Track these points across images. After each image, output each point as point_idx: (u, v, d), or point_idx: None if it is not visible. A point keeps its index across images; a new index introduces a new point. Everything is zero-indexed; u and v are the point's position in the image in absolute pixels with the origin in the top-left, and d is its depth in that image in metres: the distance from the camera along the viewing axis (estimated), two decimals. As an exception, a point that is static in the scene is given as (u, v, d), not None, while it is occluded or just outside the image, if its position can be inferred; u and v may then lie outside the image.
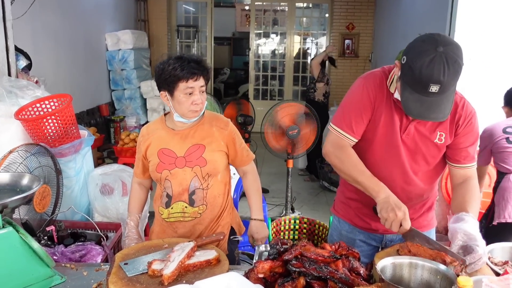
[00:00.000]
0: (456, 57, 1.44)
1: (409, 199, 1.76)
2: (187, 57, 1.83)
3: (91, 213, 2.99)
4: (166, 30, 8.24)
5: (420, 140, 1.70)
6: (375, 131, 1.72)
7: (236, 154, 1.99)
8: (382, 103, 1.70)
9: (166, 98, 1.88)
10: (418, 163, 1.74)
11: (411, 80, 1.49)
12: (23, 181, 1.62)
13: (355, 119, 1.70)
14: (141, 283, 1.38)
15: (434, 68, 1.42)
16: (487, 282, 1.19)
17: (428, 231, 1.91)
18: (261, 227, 2.05)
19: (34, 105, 2.83)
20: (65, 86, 4.96)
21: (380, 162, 1.74)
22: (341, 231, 1.94)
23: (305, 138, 4.27)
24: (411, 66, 1.47)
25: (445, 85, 1.44)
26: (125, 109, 6.78)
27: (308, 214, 4.51)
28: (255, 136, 5.24)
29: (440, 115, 1.52)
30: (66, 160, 2.79)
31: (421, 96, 1.48)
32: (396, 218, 1.50)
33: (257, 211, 2.07)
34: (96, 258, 2.20)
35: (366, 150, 1.76)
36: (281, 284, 1.31)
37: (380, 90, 1.70)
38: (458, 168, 1.76)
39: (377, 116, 1.70)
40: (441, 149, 1.72)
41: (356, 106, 1.71)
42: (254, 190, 2.09)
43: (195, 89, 1.83)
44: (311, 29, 9.27)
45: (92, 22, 6.04)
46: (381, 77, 1.72)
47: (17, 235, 1.49)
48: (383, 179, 1.70)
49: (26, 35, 4.29)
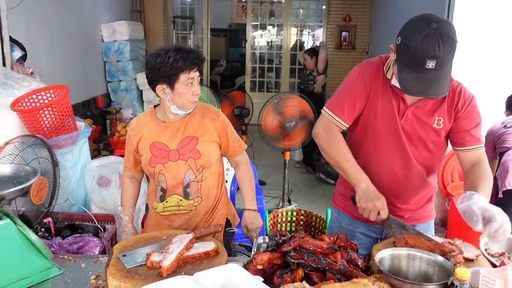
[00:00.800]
0: (449, 33, 1.46)
1: (410, 186, 1.79)
2: (186, 48, 1.82)
3: (88, 205, 2.99)
4: (162, 22, 8.18)
5: (419, 125, 1.71)
6: (373, 118, 1.74)
7: (228, 145, 1.99)
8: (379, 89, 1.72)
9: (163, 92, 1.84)
10: (418, 148, 1.75)
11: (407, 59, 1.51)
12: (20, 172, 1.61)
13: (348, 104, 1.72)
14: (140, 275, 1.38)
15: (429, 43, 1.44)
16: (484, 273, 1.20)
17: (428, 222, 1.92)
18: (255, 217, 2.05)
19: (30, 96, 2.81)
20: (60, 77, 4.92)
21: (381, 149, 1.76)
22: (341, 224, 1.95)
23: (301, 131, 4.27)
24: (406, 44, 1.49)
25: (441, 60, 1.45)
26: (121, 101, 6.73)
27: (305, 206, 4.53)
28: (251, 128, 5.24)
29: (439, 91, 1.52)
30: (62, 151, 2.78)
31: (419, 74, 1.49)
32: (374, 208, 1.56)
33: (250, 201, 2.07)
34: (93, 250, 2.20)
35: (366, 137, 1.79)
36: (280, 276, 1.32)
37: (376, 77, 1.72)
38: (465, 152, 1.73)
39: (373, 102, 1.73)
40: (440, 134, 1.73)
41: (351, 92, 1.73)
42: (247, 180, 2.08)
43: (194, 79, 1.83)
44: (308, 21, 9.24)
45: (87, 13, 5.99)
46: (378, 64, 1.74)
47: (14, 227, 1.49)
48: (384, 165, 1.75)
49: (20, 26, 4.24)
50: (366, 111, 1.75)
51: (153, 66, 1.81)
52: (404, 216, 1.84)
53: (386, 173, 1.78)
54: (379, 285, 1.18)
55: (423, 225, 1.88)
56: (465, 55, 3.16)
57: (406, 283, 1.19)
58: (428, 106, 1.70)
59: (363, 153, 1.80)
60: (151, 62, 1.81)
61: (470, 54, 3.17)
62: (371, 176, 1.74)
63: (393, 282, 1.20)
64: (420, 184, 1.80)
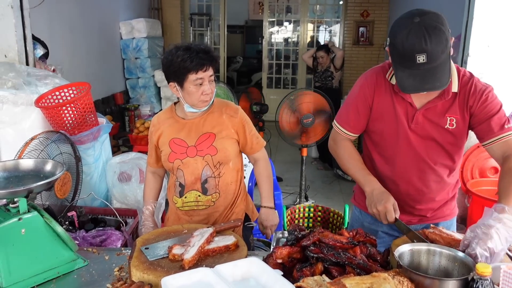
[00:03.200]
0: (435, 24, 1.45)
1: (428, 189, 1.76)
2: (195, 48, 1.81)
3: (110, 199, 3.05)
4: (179, 19, 8.23)
5: (431, 127, 1.68)
6: (380, 126, 1.74)
7: (246, 141, 1.99)
8: (383, 97, 1.71)
9: (175, 89, 1.87)
10: (434, 151, 1.71)
11: (398, 57, 1.51)
12: (46, 167, 1.66)
13: (352, 114, 1.78)
14: (162, 267, 1.41)
15: (414, 38, 1.44)
16: (505, 269, 1.19)
17: (451, 219, 1.89)
18: (271, 214, 2.06)
19: (54, 93, 2.87)
20: (81, 74, 5.01)
21: (392, 156, 1.75)
22: (363, 223, 1.93)
23: (319, 127, 4.26)
24: (394, 43, 1.50)
25: (431, 52, 1.44)
26: (140, 98, 6.82)
27: (322, 202, 4.53)
28: (268, 124, 5.25)
29: (437, 84, 1.50)
30: (85, 147, 2.84)
31: (412, 71, 1.49)
32: (379, 213, 1.54)
33: (267, 198, 2.08)
34: (116, 243, 2.25)
35: (376, 146, 1.80)
36: (299, 269, 1.33)
37: (378, 84, 1.72)
38: (493, 143, 1.61)
39: (378, 111, 1.73)
40: (456, 134, 1.68)
41: (353, 102, 1.78)
42: (265, 177, 2.09)
43: (204, 79, 1.82)
44: (325, 17, 9.18)
45: (106, 11, 6.07)
46: (379, 72, 1.75)
47: (41, 219, 1.53)
48: (398, 172, 1.74)
49: (42, 24, 4.33)
50: (372, 120, 1.76)
51: (164, 64, 1.85)
52: (426, 215, 1.82)
53: (401, 180, 1.76)
54: (399, 279, 1.19)
55: (446, 222, 1.85)
56: (486, 49, 3.12)
57: (426, 278, 1.19)
58: (439, 107, 1.66)
59: (377, 162, 1.80)
60: (164, 59, 1.85)
61: (491, 49, 3.12)
62: (386, 183, 1.74)
63: (413, 277, 1.21)
64: (438, 186, 1.77)
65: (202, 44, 1.87)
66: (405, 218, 1.82)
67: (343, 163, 1.80)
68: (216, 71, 1.89)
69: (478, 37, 3.12)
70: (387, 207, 1.53)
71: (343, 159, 1.80)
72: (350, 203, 2.05)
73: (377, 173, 1.80)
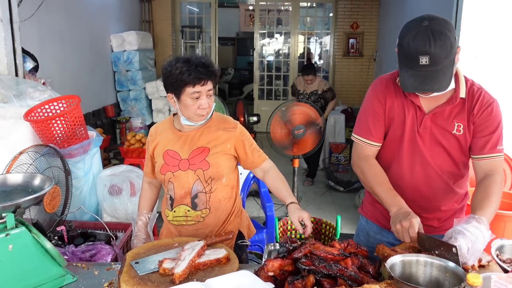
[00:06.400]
0: (442, 29, 1.49)
1: (434, 196, 1.77)
2: (195, 61, 1.77)
3: (100, 213, 3.02)
4: (170, 31, 8.27)
5: (439, 132, 1.70)
6: (390, 130, 1.76)
7: (246, 156, 1.94)
8: (393, 102, 1.74)
9: (173, 101, 1.85)
10: (441, 157, 1.72)
11: (403, 57, 1.56)
12: (34, 181, 1.64)
13: (372, 123, 1.77)
14: (153, 282, 1.40)
15: (420, 40, 1.49)
16: (496, 279, 1.19)
17: None
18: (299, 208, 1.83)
19: (43, 107, 2.86)
20: (71, 87, 5.00)
21: (400, 160, 1.76)
22: (369, 232, 1.93)
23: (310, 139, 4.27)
24: (401, 43, 1.56)
25: (434, 56, 1.48)
26: (131, 110, 6.80)
27: (314, 213, 4.50)
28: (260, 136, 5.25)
29: (436, 86, 1.54)
30: (74, 160, 2.82)
31: (415, 71, 1.53)
32: (403, 228, 1.50)
33: (290, 196, 1.89)
34: (106, 257, 2.22)
35: (384, 150, 1.80)
36: (291, 282, 1.32)
37: (388, 91, 1.75)
38: (479, 160, 1.68)
39: (390, 116, 1.75)
40: (461, 141, 1.70)
41: (371, 111, 1.78)
42: (280, 180, 1.96)
43: (202, 93, 1.79)
44: (315, 29, 9.27)
45: (97, 24, 6.08)
46: (388, 78, 1.79)
47: (29, 234, 1.51)
48: (404, 176, 1.75)
49: (32, 37, 4.32)
50: (386, 123, 1.77)
51: (163, 74, 1.83)
52: (433, 225, 1.80)
53: (407, 185, 1.75)
54: (390, 291, 1.18)
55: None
56: (473, 60, 3.16)
57: (418, 289, 1.19)
58: (447, 112, 1.69)
59: (384, 166, 1.79)
60: (164, 70, 1.83)
61: (479, 60, 3.16)
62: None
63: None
64: (444, 193, 1.77)
65: (203, 57, 1.82)
66: None
67: (368, 181, 1.74)
68: (216, 85, 1.85)
69: (465, 48, 3.16)
70: (412, 221, 1.49)
71: (368, 177, 1.74)
72: (342, 213, 2.05)
73: None
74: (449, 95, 1.68)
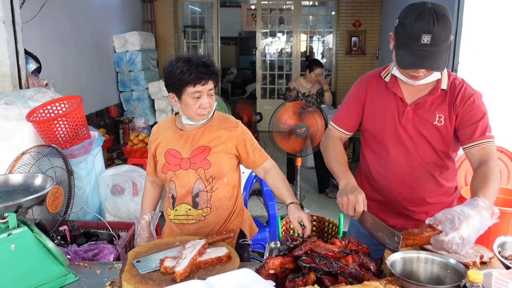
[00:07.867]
0: (444, 12, 1.54)
1: (420, 188, 1.78)
2: (195, 61, 1.77)
3: (103, 213, 3.03)
4: (172, 31, 8.28)
5: (420, 123, 1.73)
6: (373, 122, 1.81)
7: (248, 155, 1.94)
8: (376, 94, 1.80)
9: (174, 100, 1.86)
10: (423, 148, 1.75)
11: (404, 36, 1.57)
12: (36, 181, 1.65)
13: (345, 113, 1.89)
14: (154, 280, 1.40)
15: (424, 19, 1.52)
16: (497, 275, 1.19)
17: None
18: (298, 208, 1.84)
19: (45, 107, 2.87)
20: (74, 88, 5.02)
21: (385, 152, 1.80)
22: (359, 229, 1.92)
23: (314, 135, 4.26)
24: (403, 22, 1.57)
25: (436, 36, 1.51)
26: (134, 110, 6.83)
27: (317, 212, 4.52)
28: (262, 135, 5.24)
29: (434, 65, 1.56)
30: (77, 161, 2.83)
31: (415, 50, 1.55)
32: (348, 201, 1.55)
33: (290, 196, 1.89)
34: (108, 257, 2.23)
35: (371, 143, 1.86)
36: (291, 280, 1.32)
37: (371, 83, 1.83)
38: (471, 148, 1.66)
39: (371, 107, 1.81)
40: (442, 132, 1.71)
41: (346, 100, 1.90)
42: (281, 180, 1.95)
43: (202, 93, 1.79)
44: (318, 27, 9.25)
45: (99, 25, 6.10)
46: (373, 73, 1.87)
47: (32, 234, 1.52)
48: (389, 168, 1.79)
49: (35, 39, 4.34)
50: (365, 117, 1.83)
51: (165, 74, 1.84)
52: (421, 220, 1.79)
53: (393, 176, 1.79)
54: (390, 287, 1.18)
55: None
56: (475, 57, 3.15)
57: (419, 286, 1.19)
58: (428, 103, 1.72)
59: (371, 158, 1.84)
60: (165, 70, 1.84)
61: (481, 57, 3.15)
62: (379, 181, 1.77)
63: (405, 285, 1.20)
64: (430, 185, 1.79)
65: (204, 57, 1.82)
66: (401, 222, 1.83)
67: (328, 157, 1.85)
68: (216, 84, 1.85)
69: (467, 45, 3.15)
70: (358, 197, 1.54)
71: (329, 154, 1.85)
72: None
73: (371, 171, 1.86)
74: (432, 87, 1.71)
